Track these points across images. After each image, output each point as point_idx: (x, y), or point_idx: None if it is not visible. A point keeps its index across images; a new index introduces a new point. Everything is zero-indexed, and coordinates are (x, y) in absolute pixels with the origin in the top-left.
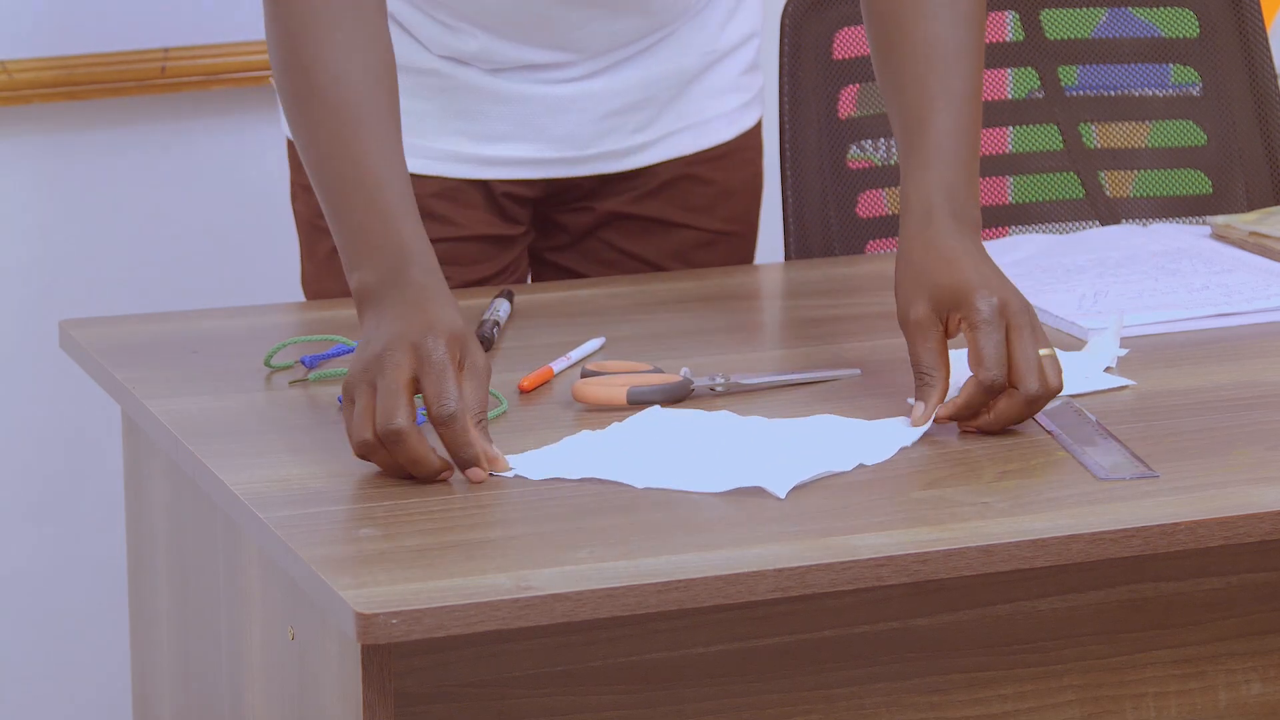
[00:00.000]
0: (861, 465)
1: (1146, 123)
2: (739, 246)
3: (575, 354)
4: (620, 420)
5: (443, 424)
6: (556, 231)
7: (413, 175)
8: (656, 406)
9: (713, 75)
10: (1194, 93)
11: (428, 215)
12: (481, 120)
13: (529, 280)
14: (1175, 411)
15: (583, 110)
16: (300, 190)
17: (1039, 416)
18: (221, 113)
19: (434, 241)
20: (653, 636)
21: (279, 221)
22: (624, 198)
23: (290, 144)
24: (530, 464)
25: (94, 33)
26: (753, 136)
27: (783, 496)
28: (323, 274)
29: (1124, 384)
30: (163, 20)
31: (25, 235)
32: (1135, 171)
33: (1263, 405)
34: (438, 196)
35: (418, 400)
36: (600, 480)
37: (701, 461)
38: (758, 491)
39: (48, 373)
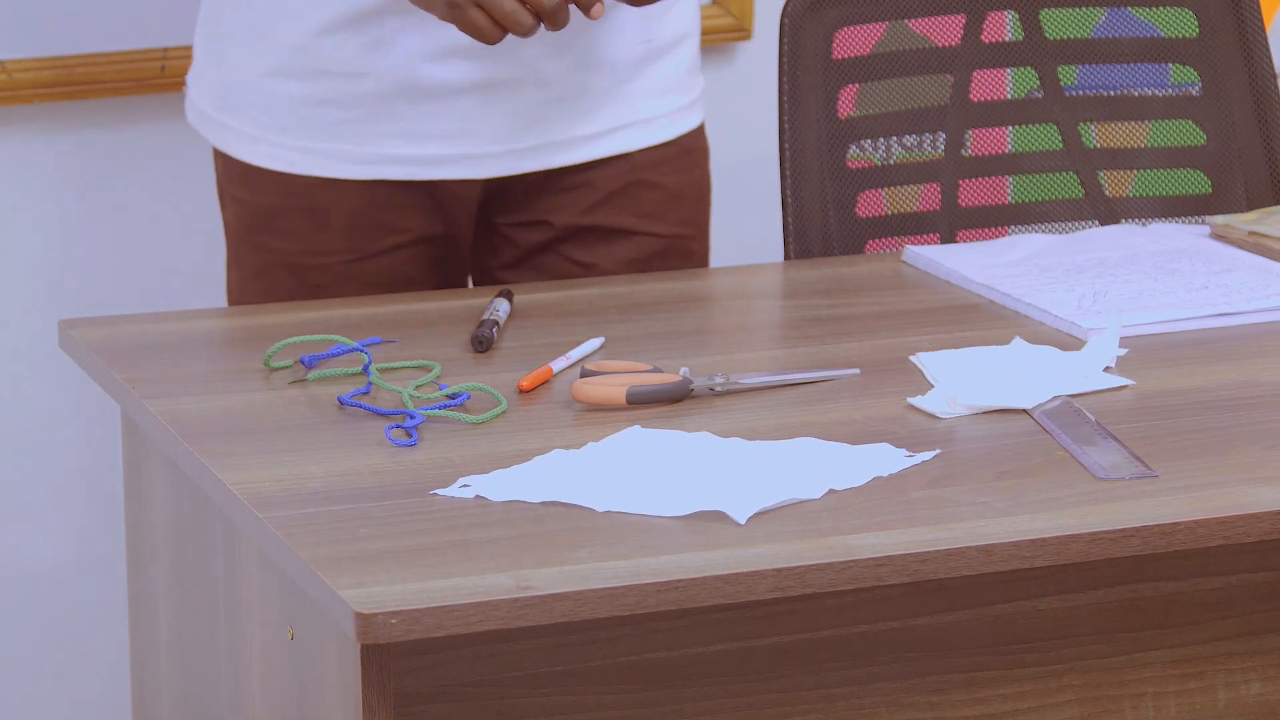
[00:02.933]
0: (832, 490)
1: (1146, 122)
2: (693, 251)
3: (575, 354)
4: (613, 425)
5: None
6: (506, 246)
7: (347, 181)
8: (637, 426)
9: (654, 73)
10: (1193, 92)
11: (363, 226)
12: (414, 120)
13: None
14: (1174, 411)
15: (517, 99)
16: (230, 200)
17: (1038, 416)
18: None
19: (376, 255)
20: (652, 636)
21: None
22: (575, 209)
23: (216, 154)
24: (493, 485)
25: (94, 33)
26: (698, 139)
27: (743, 522)
28: (249, 285)
29: (1123, 384)
30: (162, 20)
31: (25, 235)
32: (1134, 171)
33: (1262, 405)
34: (376, 206)
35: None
36: (561, 503)
37: (668, 484)
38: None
39: (48, 373)
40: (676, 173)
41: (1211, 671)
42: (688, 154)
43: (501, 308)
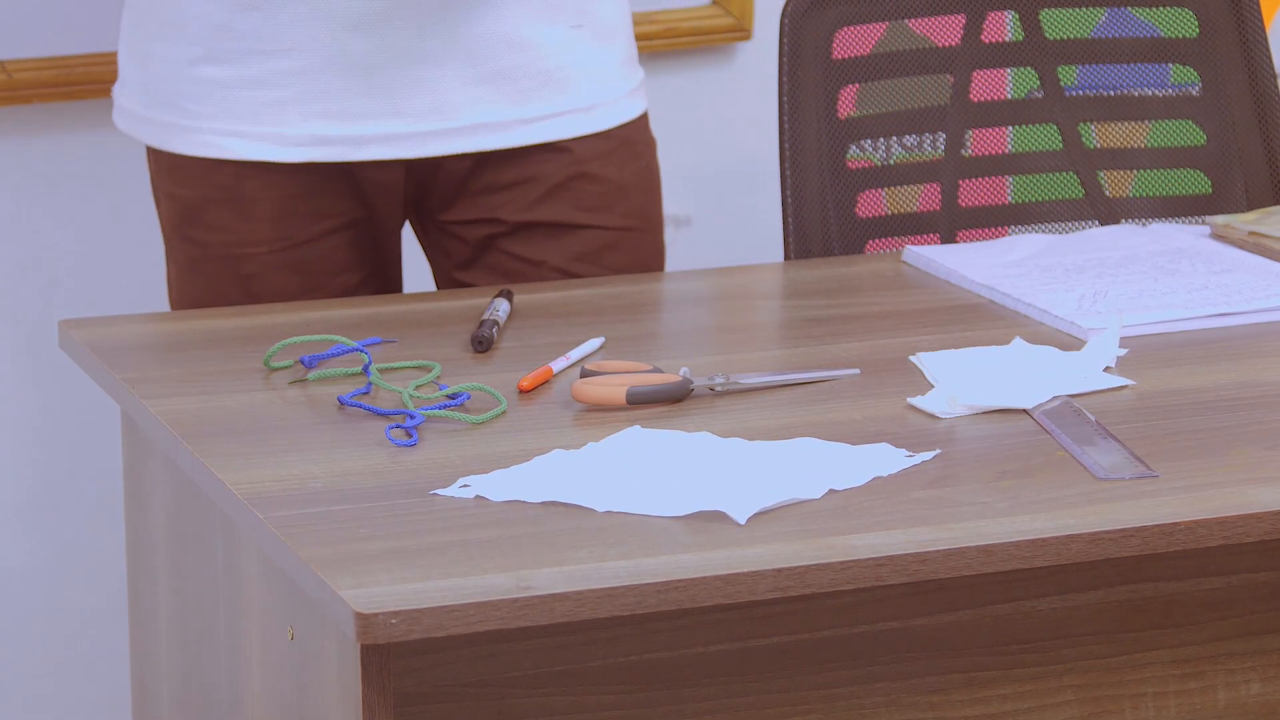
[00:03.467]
0: (832, 491)
1: (1146, 122)
2: (644, 243)
3: (575, 354)
4: (613, 425)
5: None
6: (457, 246)
7: (272, 170)
8: (637, 426)
9: (591, 60)
10: (1193, 92)
11: (290, 215)
12: (342, 98)
13: (402, 282)
14: (1174, 411)
15: (447, 74)
16: (162, 196)
17: (1038, 416)
18: None
19: (305, 243)
20: (653, 636)
21: None
22: (517, 205)
23: (149, 153)
24: (493, 485)
25: (94, 33)
26: (641, 129)
27: (743, 522)
28: (186, 279)
29: (1124, 384)
30: None
31: (25, 235)
32: (1135, 171)
33: (1262, 405)
34: (302, 194)
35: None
36: (561, 503)
37: (668, 484)
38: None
39: (48, 373)
40: (619, 164)
41: (1211, 671)
42: (629, 145)
43: (501, 308)
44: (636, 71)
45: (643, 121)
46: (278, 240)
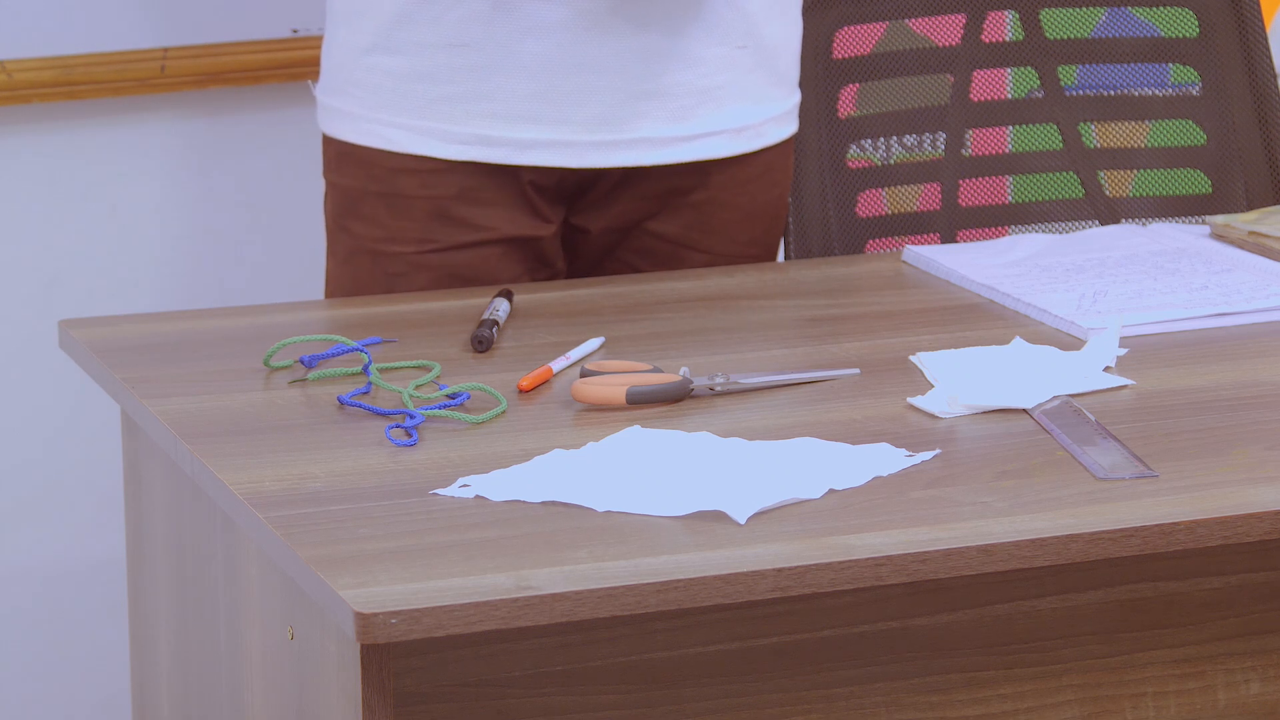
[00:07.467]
0: (832, 491)
1: (1146, 122)
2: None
3: (575, 354)
4: (613, 425)
5: None
6: (580, 250)
7: (432, 168)
8: (637, 426)
9: (751, 79)
10: (1193, 92)
11: (443, 218)
12: (510, 101)
13: None
14: (1174, 411)
15: (614, 85)
16: (329, 186)
17: (1038, 416)
18: (221, 113)
19: (452, 249)
20: (652, 636)
21: (279, 221)
22: (649, 218)
23: (326, 140)
24: (492, 484)
25: (93, 32)
26: (783, 155)
27: (743, 522)
28: (343, 271)
29: (1123, 384)
30: (162, 20)
31: (25, 235)
32: (1135, 171)
33: (1262, 405)
34: (459, 198)
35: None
36: (561, 503)
37: (668, 484)
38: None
39: (48, 373)
40: (753, 193)
41: (1211, 671)
42: (768, 173)
43: (501, 308)
44: (793, 94)
45: (788, 146)
46: (425, 242)
